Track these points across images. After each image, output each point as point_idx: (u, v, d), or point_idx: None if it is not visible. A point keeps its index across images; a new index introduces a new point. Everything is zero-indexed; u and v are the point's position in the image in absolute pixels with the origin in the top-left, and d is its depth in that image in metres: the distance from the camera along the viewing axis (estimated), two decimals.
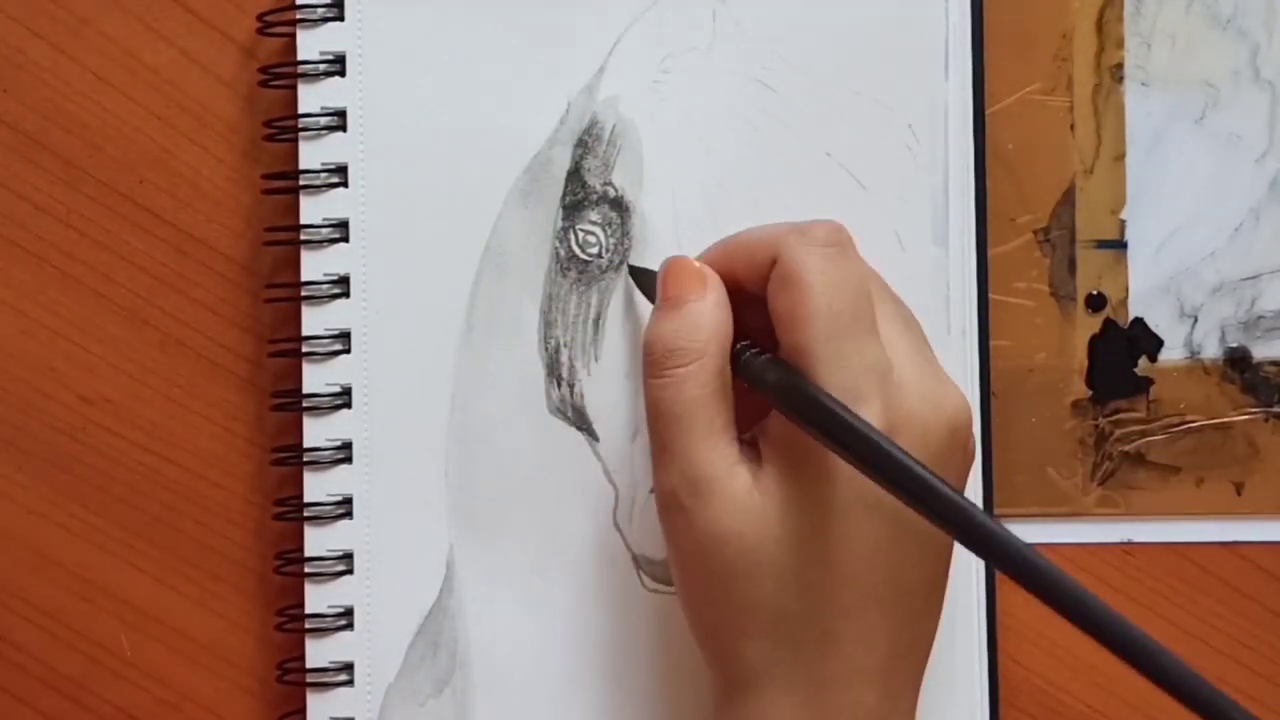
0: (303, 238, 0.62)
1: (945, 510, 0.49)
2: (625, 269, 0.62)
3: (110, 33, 0.64)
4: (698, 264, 0.58)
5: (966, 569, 0.62)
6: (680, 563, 0.56)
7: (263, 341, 0.64)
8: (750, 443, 0.56)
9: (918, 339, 0.57)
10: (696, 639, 0.57)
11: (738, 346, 0.56)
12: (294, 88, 0.63)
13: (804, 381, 0.53)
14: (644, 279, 0.61)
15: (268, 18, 0.63)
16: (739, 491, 0.54)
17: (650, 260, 0.62)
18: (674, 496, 0.55)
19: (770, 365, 0.54)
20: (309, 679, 0.63)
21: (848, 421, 0.51)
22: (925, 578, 0.55)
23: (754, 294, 0.56)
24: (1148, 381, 0.64)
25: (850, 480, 0.52)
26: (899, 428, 0.53)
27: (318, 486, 0.63)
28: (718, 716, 0.56)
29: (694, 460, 0.54)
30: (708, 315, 0.56)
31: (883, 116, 0.62)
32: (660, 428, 0.56)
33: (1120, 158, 0.64)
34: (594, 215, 0.62)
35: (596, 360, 0.62)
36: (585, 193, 0.62)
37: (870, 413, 0.52)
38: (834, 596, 0.53)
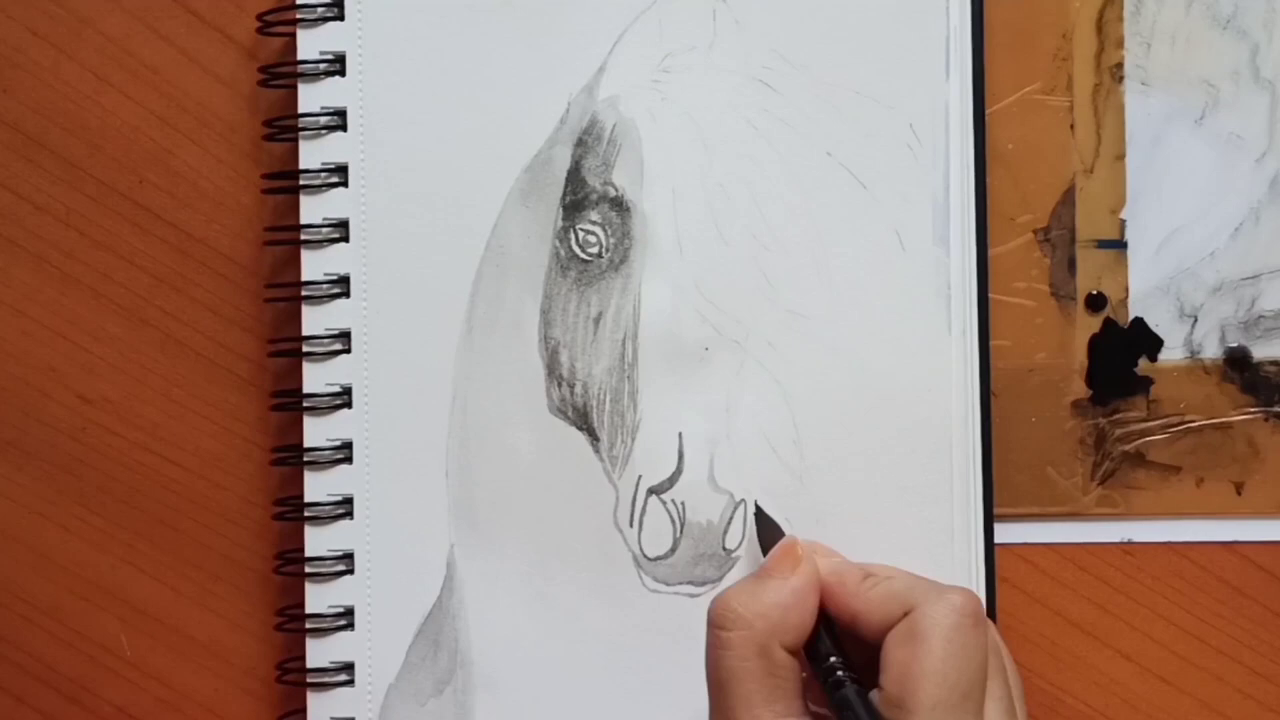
0: (303, 238, 0.62)
1: None
2: (629, 273, 0.62)
3: (110, 33, 0.64)
4: (801, 549, 0.57)
5: (966, 569, 0.62)
6: None
7: (263, 341, 0.64)
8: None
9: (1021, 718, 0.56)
10: None
11: (829, 663, 0.55)
12: (294, 87, 0.63)
13: None
14: (764, 529, 0.61)
15: (268, 17, 0.63)
16: None
17: (651, 259, 0.62)
18: None
19: (853, 702, 0.54)
20: (310, 679, 0.63)
21: None
22: None
23: (869, 638, 0.55)
24: (1148, 381, 0.64)
25: None
26: None
27: (318, 486, 0.63)
28: None
29: None
30: (771, 594, 0.55)
31: (883, 116, 0.62)
32: (708, 683, 0.55)
33: (1120, 158, 0.64)
34: (594, 215, 0.62)
35: (597, 360, 0.62)
36: (585, 192, 0.62)
37: None
38: None
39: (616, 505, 0.62)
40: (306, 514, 0.63)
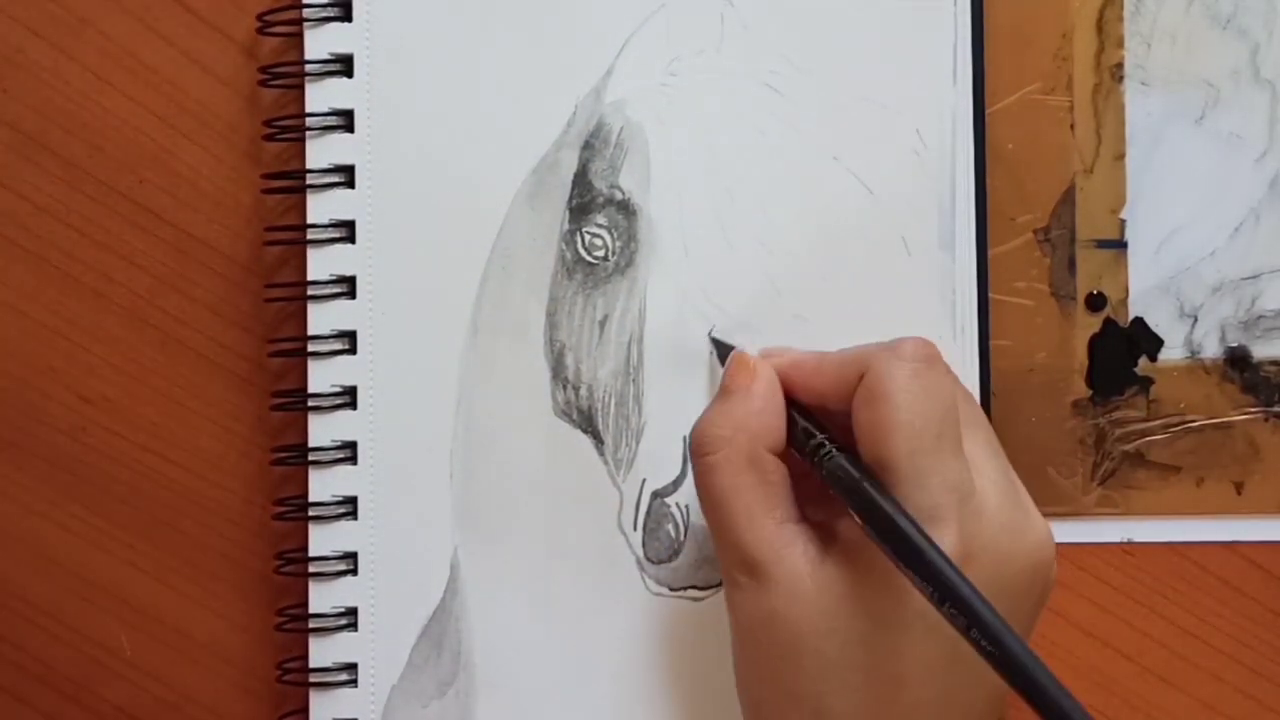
0: (309, 237, 0.62)
1: (1001, 655, 0.48)
2: (635, 276, 0.62)
3: (110, 33, 0.64)
4: (752, 359, 0.58)
5: None
6: (735, 637, 0.56)
7: (263, 341, 0.64)
8: (818, 528, 0.55)
9: (1006, 465, 0.56)
10: (743, 715, 0.57)
11: (814, 442, 0.55)
12: (295, 87, 0.63)
13: (878, 493, 0.52)
14: (723, 353, 0.61)
15: (268, 17, 0.63)
16: (790, 577, 0.53)
17: (657, 263, 0.62)
18: (730, 574, 0.55)
19: (845, 468, 0.53)
20: (312, 679, 0.63)
21: (915, 542, 0.50)
22: (982, 701, 0.54)
23: (839, 410, 0.55)
24: (1148, 381, 0.64)
25: (914, 595, 0.51)
26: (974, 555, 0.52)
27: (322, 486, 0.63)
28: None
29: (741, 543, 0.54)
30: (739, 406, 0.56)
31: (890, 121, 0.62)
32: (705, 511, 0.56)
33: (1120, 157, 0.64)
34: (600, 218, 0.62)
35: (602, 363, 0.62)
36: (592, 195, 0.62)
37: (946, 536, 0.51)
38: (879, 705, 0.53)
39: (620, 508, 0.62)
40: (310, 514, 0.62)
